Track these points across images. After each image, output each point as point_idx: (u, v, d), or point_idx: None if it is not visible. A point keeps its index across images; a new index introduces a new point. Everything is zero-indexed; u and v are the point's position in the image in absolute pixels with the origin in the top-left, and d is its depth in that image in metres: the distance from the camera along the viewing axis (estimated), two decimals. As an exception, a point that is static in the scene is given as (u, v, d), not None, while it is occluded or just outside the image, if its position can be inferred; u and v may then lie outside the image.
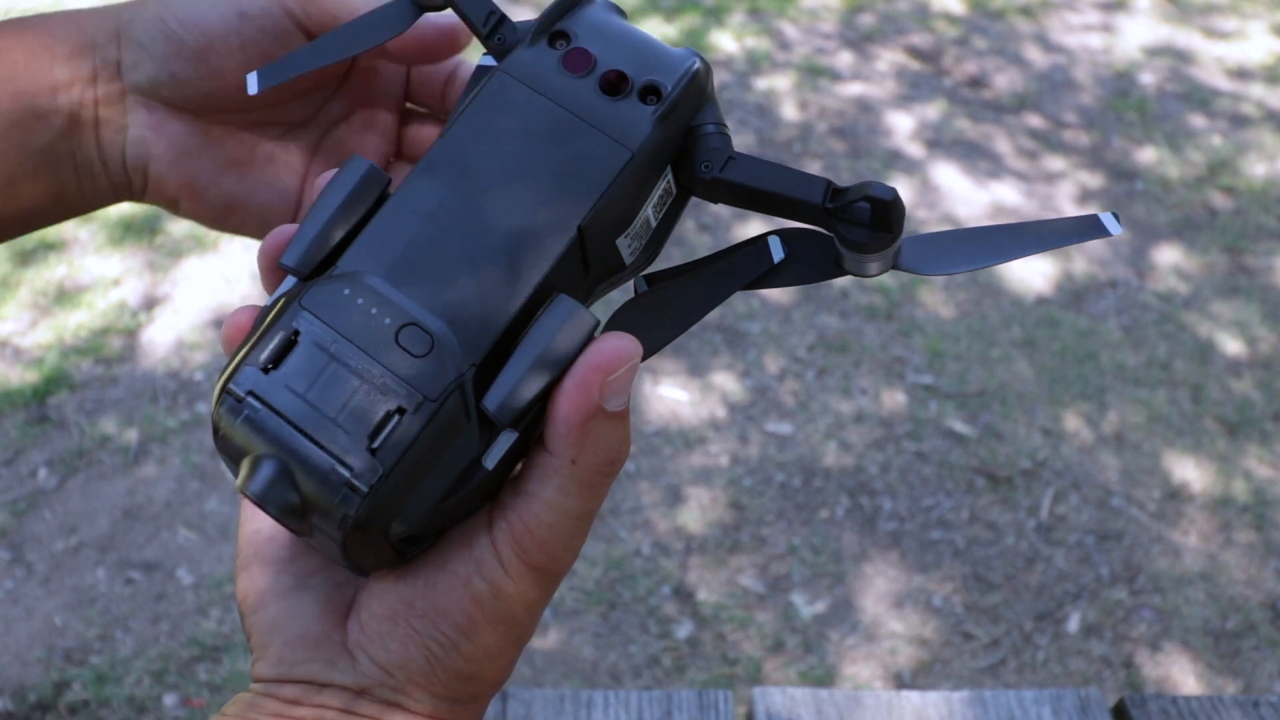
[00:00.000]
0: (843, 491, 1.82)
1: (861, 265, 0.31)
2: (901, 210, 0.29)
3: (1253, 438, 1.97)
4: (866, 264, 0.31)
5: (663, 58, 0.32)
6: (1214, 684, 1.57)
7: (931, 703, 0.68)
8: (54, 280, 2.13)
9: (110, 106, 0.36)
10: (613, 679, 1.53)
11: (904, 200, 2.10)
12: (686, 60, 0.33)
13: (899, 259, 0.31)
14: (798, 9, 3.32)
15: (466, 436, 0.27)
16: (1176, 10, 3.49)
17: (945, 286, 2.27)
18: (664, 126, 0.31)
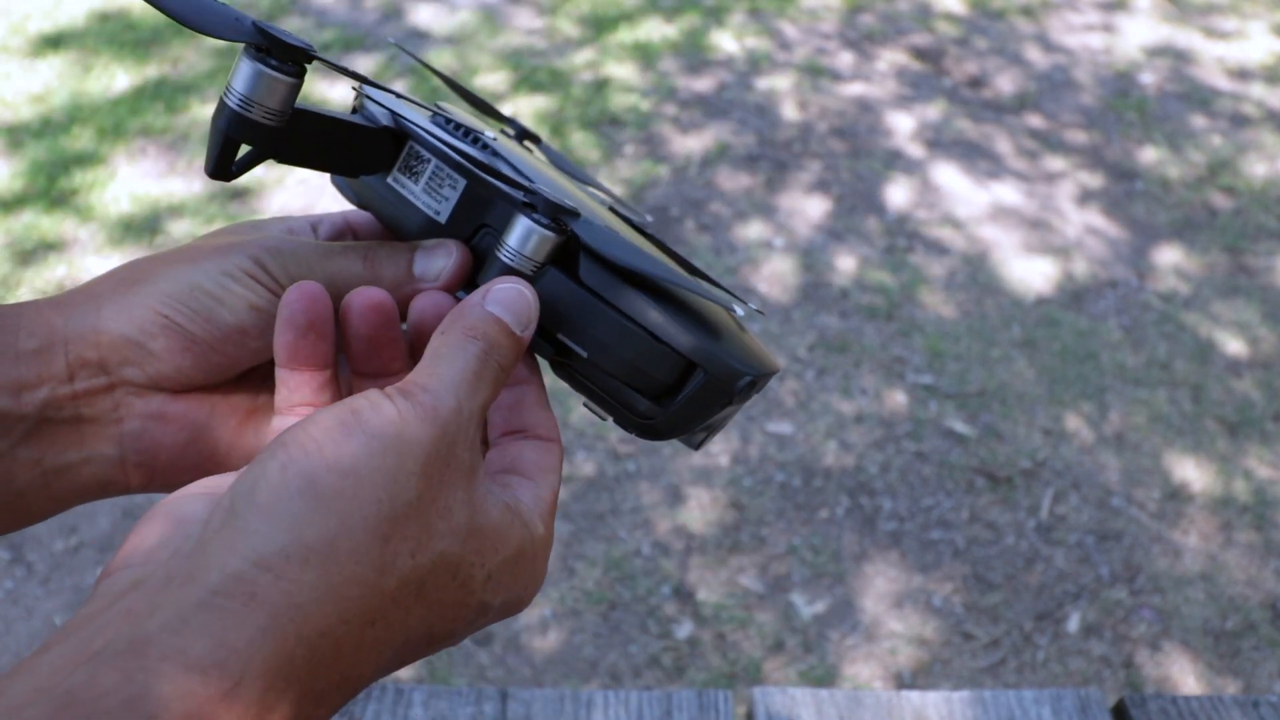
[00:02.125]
0: (843, 491, 1.82)
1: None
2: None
3: (1253, 438, 1.97)
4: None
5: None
6: (1214, 684, 1.57)
7: (931, 703, 0.68)
8: (54, 280, 2.13)
9: (94, 404, 0.33)
10: (613, 679, 1.53)
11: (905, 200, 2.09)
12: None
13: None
14: (798, 9, 3.32)
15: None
16: (1177, 10, 3.49)
17: (945, 286, 2.27)
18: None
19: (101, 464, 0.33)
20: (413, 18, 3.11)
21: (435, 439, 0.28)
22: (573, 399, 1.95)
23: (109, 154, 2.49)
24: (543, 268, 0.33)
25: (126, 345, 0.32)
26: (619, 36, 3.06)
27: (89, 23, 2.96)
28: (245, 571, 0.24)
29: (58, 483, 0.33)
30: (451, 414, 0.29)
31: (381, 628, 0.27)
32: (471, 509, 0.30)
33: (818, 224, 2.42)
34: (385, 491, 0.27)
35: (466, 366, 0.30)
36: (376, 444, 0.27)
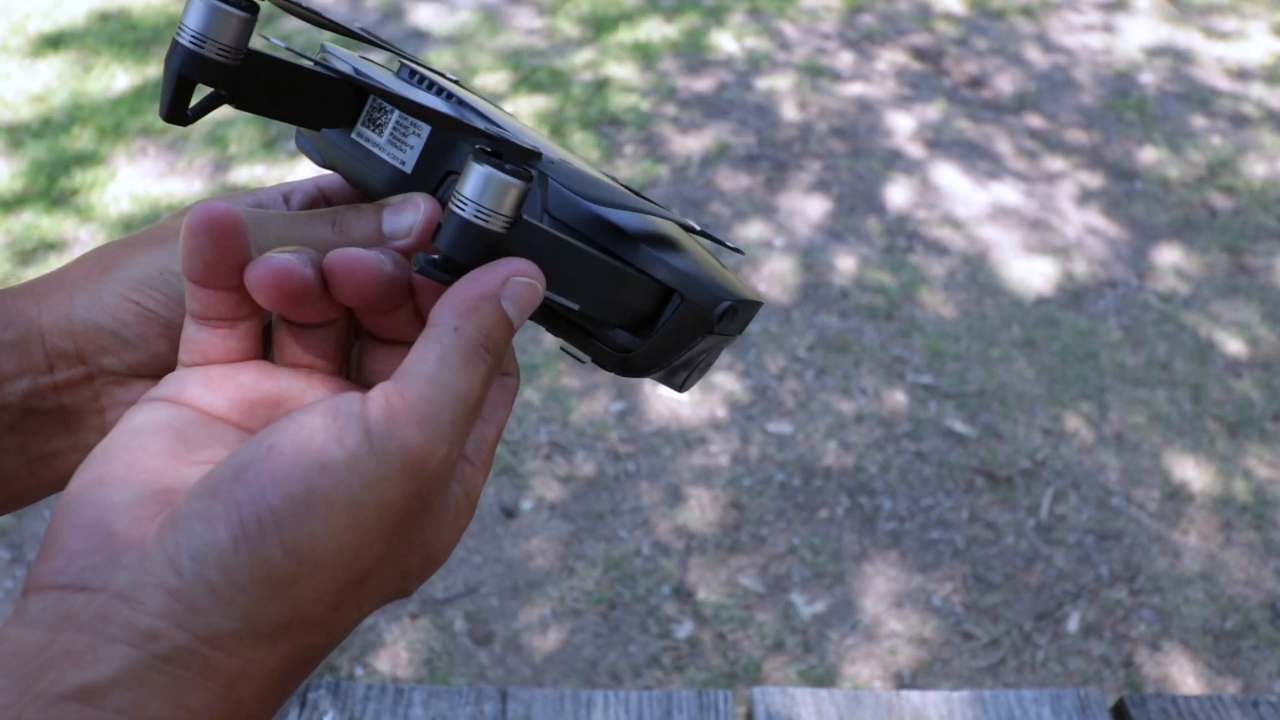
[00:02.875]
0: (843, 491, 1.82)
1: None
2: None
3: (1253, 437, 1.97)
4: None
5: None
6: (1214, 684, 1.57)
7: (931, 703, 0.68)
8: (54, 280, 2.13)
9: (76, 394, 0.32)
10: (613, 679, 1.53)
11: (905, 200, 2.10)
12: None
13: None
14: (798, 9, 3.32)
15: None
16: (1176, 10, 3.49)
17: (945, 286, 2.27)
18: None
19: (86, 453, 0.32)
20: (413, 18, 3.11)
21: (410, 496, 0.26)
22: (572, 397, 1.95)
23: (109, 154, 2.49)
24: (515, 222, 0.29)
25: (101, 335, 0.32)
26: (619, 36, 3.06)
27: (89, 22, 2.96)
28: (197, 648, 0.24)
29: (44, 470, 0.33)
30: (439, 467, 0.26)
31: (328, 649, 0.27)
32: (426, 547, 0.29)
33: (818, 224, 2.42)
34: (343, 570, 0.25)
35: (472, 393, 0.27)
36: (343, 519, 0.25)
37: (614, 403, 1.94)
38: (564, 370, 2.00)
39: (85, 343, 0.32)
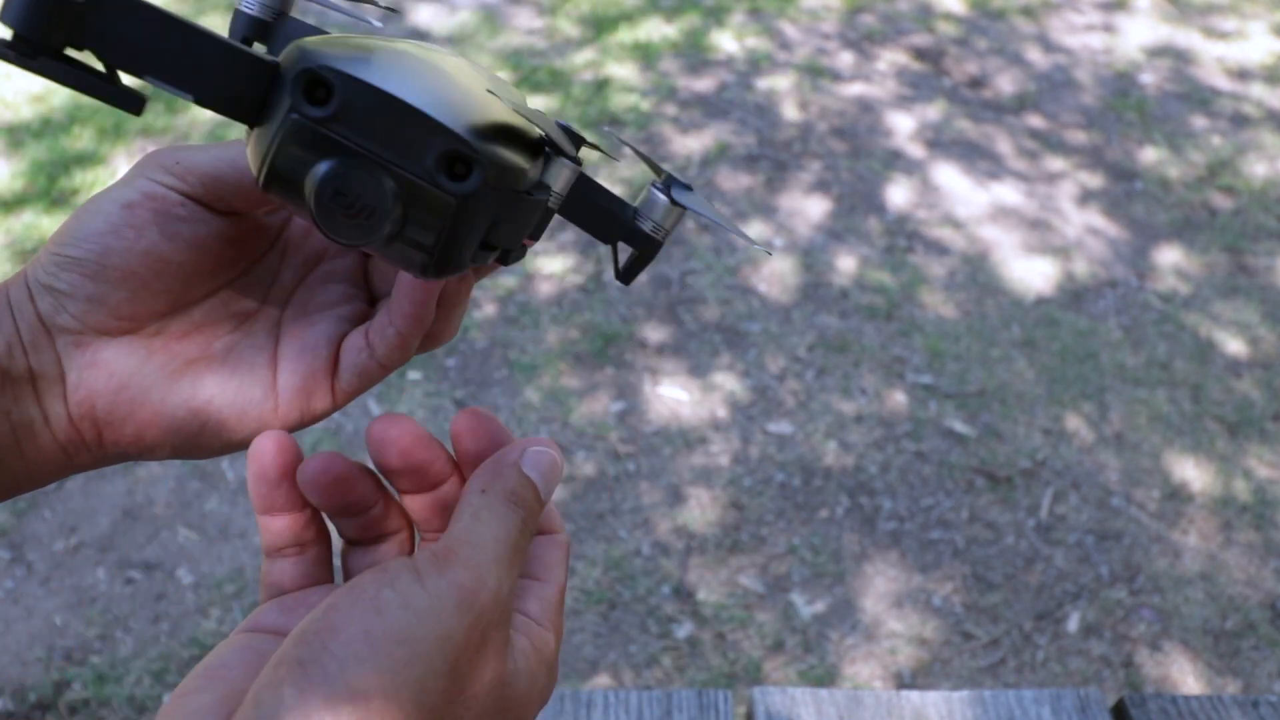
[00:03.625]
0: (843, 491, 1.82)
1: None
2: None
3: (1253, 437, 1.97)
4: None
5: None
6: (1214, 683, 1.57)
7: (931, 702, 0.68)
8: (54, 280, 2.13)
9: (40, 355, 0.33)
10: (612, 679, 1.53)
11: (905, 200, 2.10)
12: None
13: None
14: (798, 9, 3.32)
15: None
16: (1176, 10, 3.49)
17: (945, 286, 2.28)
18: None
19: (59, 423, 0.34)
20: (413, 17, 3.11)
21: (469, 628, 0.27)
22: (573, 397, 1.95)
23: (109, 154, 2.49)
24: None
25: (44, 292, 0.33)
26: (619, 36, 3.06)
27: None
28: None
29: (28, 442, 0.33)
30: (490, 598, 0.28)
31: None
32: (500, 687, 0.29)
33: (818, 224, 2.42)
34: (413, 704, 0.26)
35: (508, 537, 0.29)
36: (404, 652, 0.25)
37: (614, 403, 1.94)
38: (564, 370, 2.00)
39: (39, 302, 0.33)
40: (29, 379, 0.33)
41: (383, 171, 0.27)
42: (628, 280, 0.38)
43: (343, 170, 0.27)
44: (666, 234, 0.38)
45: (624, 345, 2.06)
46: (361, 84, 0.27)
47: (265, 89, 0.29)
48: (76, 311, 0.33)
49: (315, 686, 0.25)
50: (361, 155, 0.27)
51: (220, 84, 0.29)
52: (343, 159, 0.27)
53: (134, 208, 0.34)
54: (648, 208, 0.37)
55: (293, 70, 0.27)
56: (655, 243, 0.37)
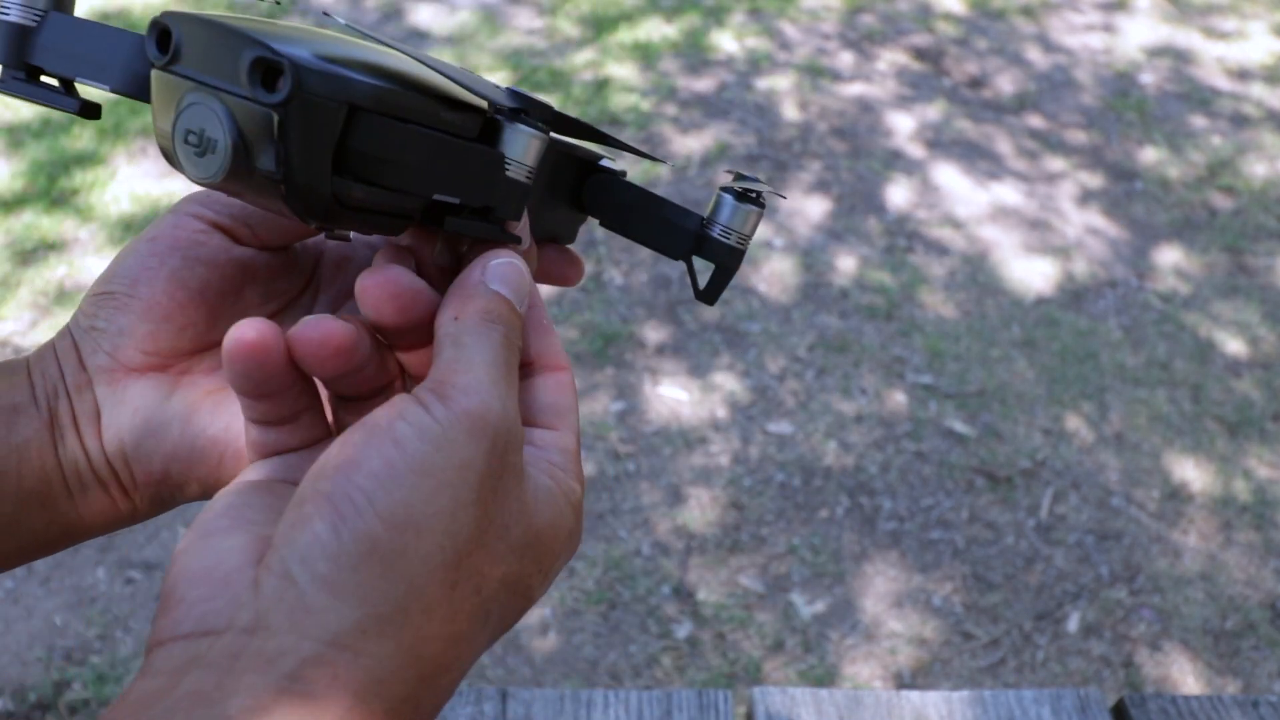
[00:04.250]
0: (843, 491, 1.82)
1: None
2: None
3: (1253, 437, 1.97)
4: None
5: None
6: (1214, 683, 1.57)
7: (931, 702, 0.68)
8: (54, 280, 2.13)
9: (82, 397, 0.34)
10: (612, 679, 1.53)
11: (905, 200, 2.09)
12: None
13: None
14: (798, 9, 3.32)
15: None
16: (1176, 10, 3.49)
17: (945, 286, 2.28)
18: None
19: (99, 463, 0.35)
20: (413, 17, 3.11)
21: (487, 454, 0.27)
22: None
23: (109, 154, 2.49)
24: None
25: (85, 335, 0.35)
26: (619, 36, 3.06)
27: (89, 23, 2.96)
28: (323, 653, 0.23)
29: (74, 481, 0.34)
30: (500, 418, 0.27)
31: (455, 669, 0.27)
32: (526, 518, 0.28)
33: (818, 224, 2.42)
34: (445, 536, 0.25)
35: (496, 357, 0.29)
36: (430, 481, 0.25)
37: (614, 403, 1.94)
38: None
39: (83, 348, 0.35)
40: (73, 421, 0.34)
41: (213, 97, 0.27)
42: (711, 299, 0.35)
43: (185, 106, 0.28)
44: (746, 240, 0.35)
45: (624, 345, 2.06)
46: (193, 19, 0.28)
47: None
48: (109, 348, 0.34)
49: (346, 520, 0.24)
50: (200, 87, 0.28)
51: (138, 74, 0.31)
52: (186, 95, 0.28)
53: (158, 240, 0.35)
54: (720, 214, 0.34)
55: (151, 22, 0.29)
56: (736, 252, 0.34)
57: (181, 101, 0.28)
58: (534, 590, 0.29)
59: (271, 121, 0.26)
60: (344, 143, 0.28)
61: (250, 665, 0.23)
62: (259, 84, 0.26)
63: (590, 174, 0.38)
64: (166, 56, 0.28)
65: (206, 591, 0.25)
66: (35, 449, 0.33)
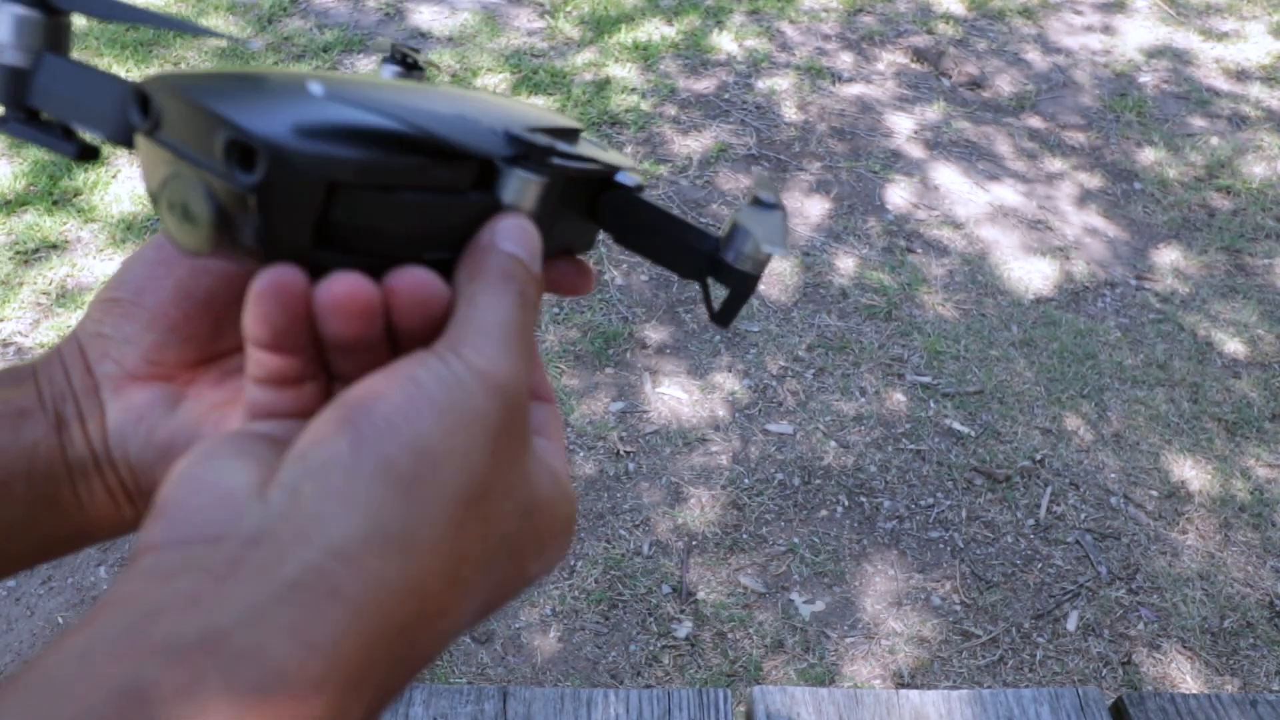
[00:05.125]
0: (842, 491, 1.82)
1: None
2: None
3: (1251, 437, 1.98)
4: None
5: None
6: (1212, 682, 1.57)
7: (930, 701, 0.69)
8: (56, 280, 2.13)
9: (88, 401, 0.35)
10: (613, 678, 1.53)
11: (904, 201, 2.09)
12: None
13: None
14: (798, 10, 3.32)
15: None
16: (1175, 11, 3.49)
17: (944, 287, 2.28)
18: None
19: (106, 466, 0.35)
20: (413, 18, 3.11)
21: (500, 410, 0.27)
22: (573, 397, 1.95)
23: (110, 154, 2.50)
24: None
25: (91, 340, 0.35)
26: (619, 37, 3.07)
27: (90, 22, 2.96)
28: (325, 563, 0.23)
29: (81, 483, 0.34)
30: (511, 379, 0.27)
31: (452, 617, 0.26)
32: (529, 484, 0.29)
33: (818, 224, 2.42)
34: (460, 473, 0.25)
35: (512, 316, 0.28)
36: (449, 420, 0.25)
37: (614, 403, 1.95)
38: (564, 370, 2.01)
39: (90, 353, 0.35)
40: (80, 425, 0.34)
41: (194, 171, 0.27)
42: (725, 322, 0.35)
43: (168, 177, 0.28)
44: (762, 265, 0.34)
45: (624, 345, 2.07)
46: (171, 90, 0.27)
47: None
48: (117, 355, 0.35)
49: (368, 442, 0.24)
50: (182, 159, 0.27)
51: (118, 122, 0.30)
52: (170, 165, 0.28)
53: (165, 248, 0.35)
54: (735, 239, 0.34)
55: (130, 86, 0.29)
56: (748, 277, 0.34)
57: (164, 172, 0.28)
58: (529, 567, 0.29)
59: (249, 201, 0.26)
60: (326, 216, 0.27)
61: (250, 575, 0.22)
62: (235, 164, 0.26)
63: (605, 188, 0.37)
64: (148, 123, 0.28)
65: (208, 500, 0.25)
66: (44, 452, 0.34)
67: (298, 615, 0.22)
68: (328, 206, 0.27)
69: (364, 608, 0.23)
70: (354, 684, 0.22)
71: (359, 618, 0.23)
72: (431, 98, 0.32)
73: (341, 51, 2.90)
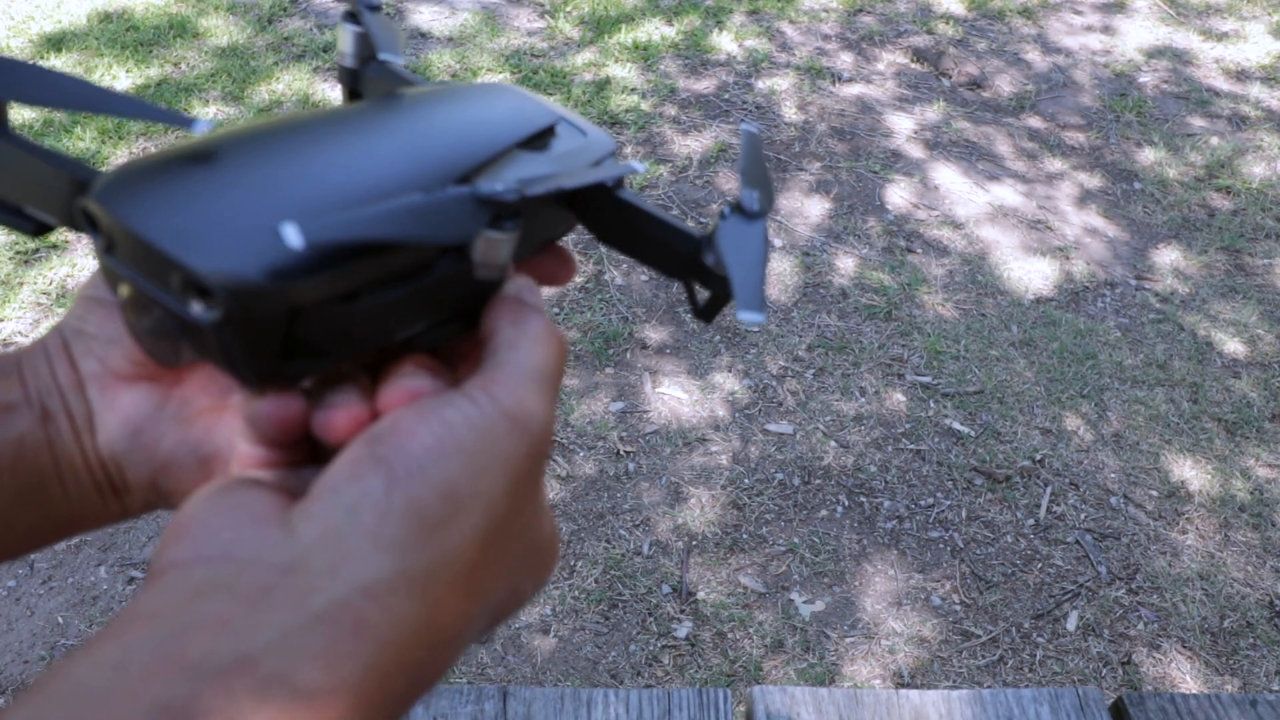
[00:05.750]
0: (842, 491, 1.82)
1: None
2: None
3: (1251, 437, 1.98)
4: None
5: None
6: (1212, 682, 1.57)
7: (930, 701, 0.69)
8: (56, 280, 2.13)
9: (74, 396, 0.34)
10: (613, 678, 1.53)
11: (904, 201, 2.08)
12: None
13: None
14: (798, 10, 3.32)
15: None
16: (1175, 11, 3.49)
17: (944, 287, 2.28)
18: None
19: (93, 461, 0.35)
20: (414, 18, 3.11)
21: (524, 457, 0.28)
22: (573, 397, 1.95)
23: (111, 154, 2.50)
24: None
25: (75, 337, 0.35)
26: (619, 37, 3.07)
27: (91, 23, 2.96)
28: (353, 599, 0.24)
29: (69, 474, 0.34)
30: (540, 424, 0.28)
31: (457, 644, 0.28)
32: (534, 528, 0.30)
33: (818, 224, 2.42)
34: (481, 516, 0.26)
35: (548, 366, 0.30)
36: (475, 464, 0.26)
37: (614, 403, 1.95)
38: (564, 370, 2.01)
39: (74, 349, 0.35)
40: (68, 419, 0.34)
41: (154, 302, 0.27)
42: (708, 319, 0.35)
43: (130, 298, 0.27)
44: None
45: (624, 345, 2.07)
46: (113, 217, 0.26)
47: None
48: (99, 353, 0.34)
49: (399, 482, 0.25)
50: (139, 285, 0.27)
51: (68, 208, 0.30)
52: (128, 290, 0.27)
53: None
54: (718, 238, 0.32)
55: (77, 203, 0.28)
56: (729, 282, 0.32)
57: (125, 292, 0.28)
58: (525, 590, 0.31)
59: (211, 335, 0.26)
60: (290, 332, 0.27)
61: (281, 603, 0.23)
62: (192, 299, 0.26)
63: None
64: (103, 244, 0.27)
65: (232, 520, 0.26)
66: (30, 445, 0.34)
67: (325, 645, 0.23)
68: (291, 326, 0.27)
69: (387, 643, 0.24)
70: (371, 711, 0.24)
71: (382, 651, 0.24)
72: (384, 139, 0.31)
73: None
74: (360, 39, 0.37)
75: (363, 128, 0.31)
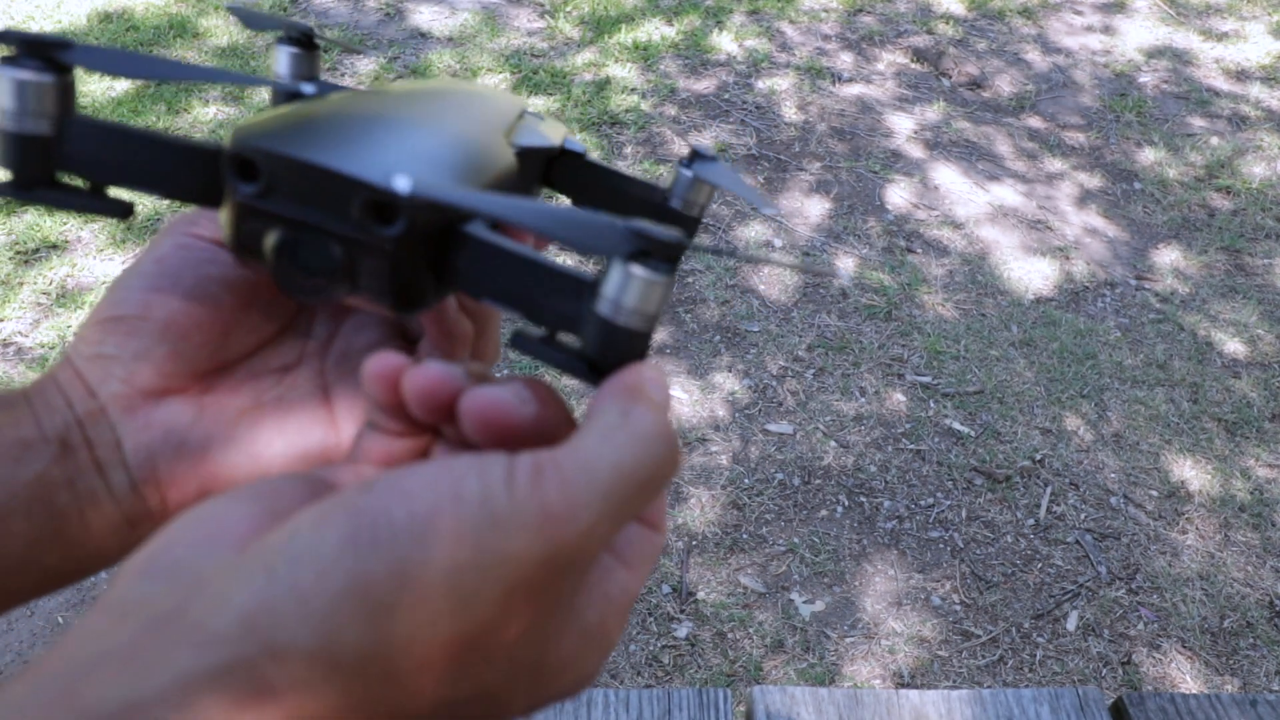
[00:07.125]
0: (842, 491, 1.82)
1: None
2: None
3: (1251, 437, 1.98)
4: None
5: None
6: (1212, 682, 1.57)
7: (930, 701, 0.69)
8: (56, 280, 2.13)
9: (96, 427, 0.33)
10: (612, 677, 1.53)
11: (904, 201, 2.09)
12: None
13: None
14: (798, 10, 3.32)
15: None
16: (1175, 12, 3.50)
17: (944, 287, 2.28)
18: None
19: (121, 491, 0.33)
20: (413, 18, 3.11)
21: (541, 562, 0.23)
22: (573, 397, 1.95)
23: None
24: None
25: (91, 363, 0.34)
26: (619, 37, 3.07)
27: (91, 23, 2.96)
28: (260, 662, 0.21)
29: (91, 510, 0.33)
30: (575, 539, 0.23)
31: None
32: (543, 646, 0.25)
33: (818, 224, 2.42)
34: (447, 617, 0.22)
35: (635, 468, 0.25)
36: (463, 554, 0.22)
37: (614, 403, 1.95)
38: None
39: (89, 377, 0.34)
40: (87, 448, 0.33)
41: (322, 235, 0.28)
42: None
43: (288, 240, 0.28)
44: (701, 209, 0.39)
45: (624, 345, 2.07)
46: (281, 157, 0.28)
47: (215, 173, 0.30)
48: (124, 374, 0.33)
49: (359, 545, 0.22)
50: (301, 223, 0.28)
51: (177, 179, 0.31)
52: (286, 229, 0.28)
53: (165, 260, 0.35)
54: (678, 186, 0.39)
55: (226, 153, 0.29)
56: (690, 220, 0.38)
57: (277, 234, 0.28)
58: (514, 710, 0.26)
59: (382, 252, 0.27)
60: (445, 258, 0.28)
61: (186, 637, 0.21)
62: (372, 220, 0.27)
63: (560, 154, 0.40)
64: (255, 189, 0.28)
65: (193, 536, 0.24)
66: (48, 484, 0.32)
67: (219, 705, 0.21)
68: (446, 248, 0.28)
69: (296, 716, 0.21)
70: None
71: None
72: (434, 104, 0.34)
73: (341, 52, 2.90)
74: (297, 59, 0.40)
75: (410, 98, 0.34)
